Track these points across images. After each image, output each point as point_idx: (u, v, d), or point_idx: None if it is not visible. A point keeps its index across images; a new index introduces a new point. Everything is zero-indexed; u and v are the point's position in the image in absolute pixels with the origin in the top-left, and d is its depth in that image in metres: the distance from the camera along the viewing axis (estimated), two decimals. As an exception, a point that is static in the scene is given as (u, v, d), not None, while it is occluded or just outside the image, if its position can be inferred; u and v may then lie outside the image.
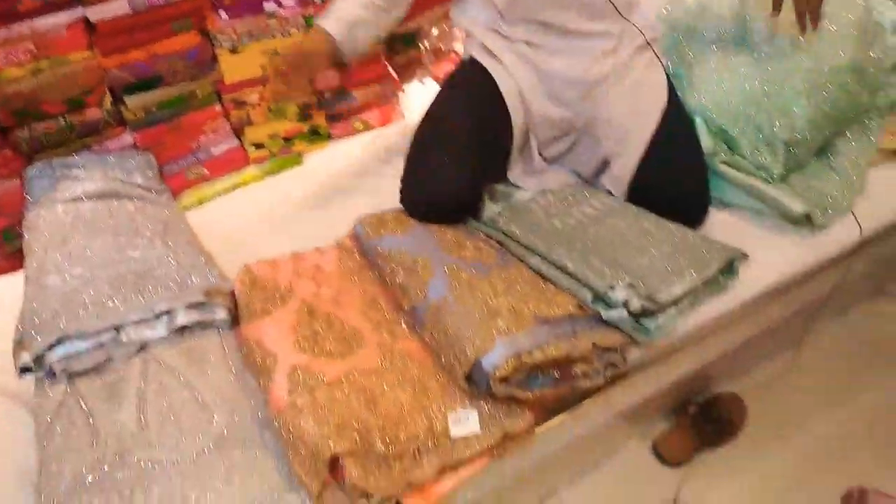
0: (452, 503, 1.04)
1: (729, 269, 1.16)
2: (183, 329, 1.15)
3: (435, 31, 1.82)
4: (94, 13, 1.32)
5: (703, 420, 1.48)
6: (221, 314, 1.16)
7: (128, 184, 1.40)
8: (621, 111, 1.32)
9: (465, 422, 0.97)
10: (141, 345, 1.13)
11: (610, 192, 1.35)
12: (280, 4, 1.49)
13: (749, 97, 1.31)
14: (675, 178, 1.28)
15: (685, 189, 1.29)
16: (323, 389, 0.96)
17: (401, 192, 1.31)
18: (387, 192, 1.36)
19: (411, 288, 1.09)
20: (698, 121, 1.35)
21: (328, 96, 1.62)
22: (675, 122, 1.31)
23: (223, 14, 1.45)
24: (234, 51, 1.45)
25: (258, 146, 1.57)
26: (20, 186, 1.40)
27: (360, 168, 1.58)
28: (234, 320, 1.18)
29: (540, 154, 1.41)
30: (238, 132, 1.58)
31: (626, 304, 1.01)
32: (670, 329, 1.09)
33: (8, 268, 1.42)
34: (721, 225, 1.31)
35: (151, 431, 1.01)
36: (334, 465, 0.90)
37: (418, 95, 1.81)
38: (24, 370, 1.11)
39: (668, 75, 1.35)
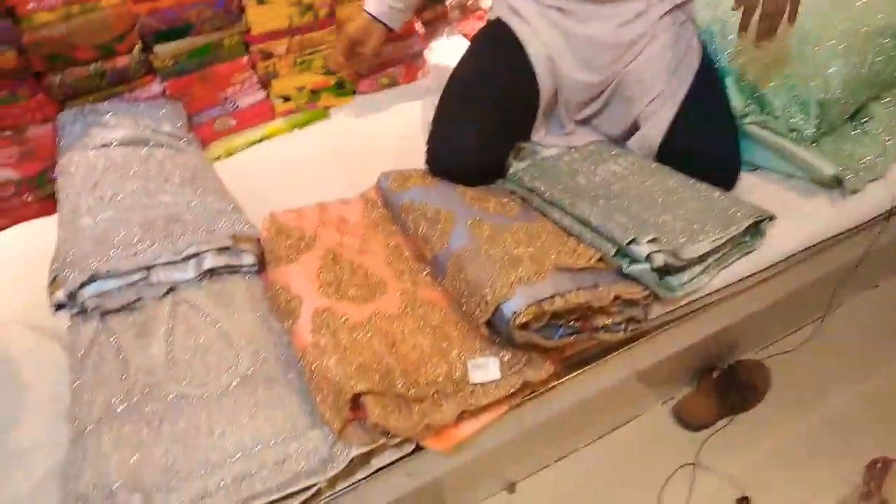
0: (471, 450, 1.06)
1: (756, 229, 1.15)
2: (211, 273, 1.17)
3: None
4: (125, -42, 1.33)
5: (726, 385, 1.47)
6: (248, 259, 1.18)
7: (157, 132, 1.41)
8: (653, 72, 1.30)
9: (485, 369, 0.98)
10: (170, 286, 1.15)
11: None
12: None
13: (782, 57, 1.28)
14: (705, 140, 1.27)
15: (715, 151, 1.27)
16: (346, 331, 0.97)
17: (426, 152, 1.32)
18: (411, 150, 1.36)
19: (433, 238, 1.10)
20: (729, 80, 1.32)
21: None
22: (707, 82, 1.29)
23: (250, -37, 1.45)
24: (261, 1, 1.45)
25: (285, 99, 1.58)
26: (53, 132, 1.42)
27: (385, 124, 1.58)
28: (261, 267, 1.20)
29: (568, 117, 1.39)
30: (265, 84, 1.58)
31: (649, 259, 1.00)
32: (695, 287, 1.09)
33: (42, 211, 1.45)
34: (750, 187, 1.29)
35: (179, 367, 1.03)
36: (356, 403, 0.91)
37: (445, 52, 1.79)
38: (59, 307, 1.14)
39: (699, 34, 1.32)
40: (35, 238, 1.40)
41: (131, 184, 1.28)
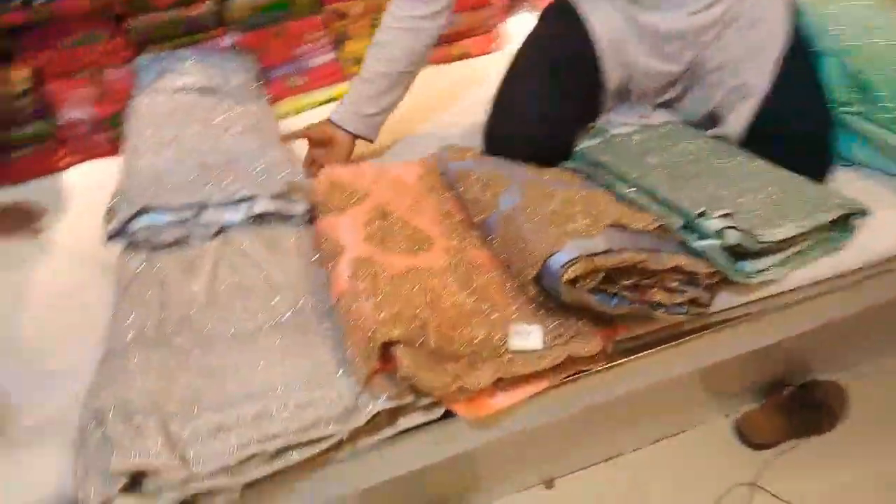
0: (505, 426, 0.99)
1: (845, 225, 1.03)
2: (262, 218, 1.15)
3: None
4: None
5: (797, 405, 1.35)
6: (299, 208, 1.16)
7: (227, 82, 1.42)
8: (732, 59, 1.19)
9: (527, 336, 0.91)
10: (220, 228, 1.14)
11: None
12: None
13: (898, 44, 1.16)
14: (792, 130, 1.16)
15: (804, 142, 1.16)
16: (385, 279, 0.92)
17: (485, 127, 1.27)
18: (476, 123, 1.32)
19: (484, 200, 1.04)
20: (830, 62, 1.20)
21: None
22: (796, 66, 1.17)
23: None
24: (340, -40, 1.45)
25: (356, 61, 1.56)
26: (129, 75, 1.45)
27: (453, 95, 1.54)
28: (313, 219, 1.17)
29: (643, 101, 1.31)
30: (336, 45, 1.56)
31: (720, 235, 0.91)
32: (772, 277, 0.98)
33: (114, 151, 1.48)
34: (845, 185, 1.16)
35: (218, 304, 1.02)
36: (386, 353, 0.86)
37: (520, 27, 1.73)
38: (111, 237, 1.15)
39: (792, 11, 1.20)
40: (103, 175, 1.44)
41: (194, 128, 1.29)
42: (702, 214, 0.93)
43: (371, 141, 1.33)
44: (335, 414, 0.87)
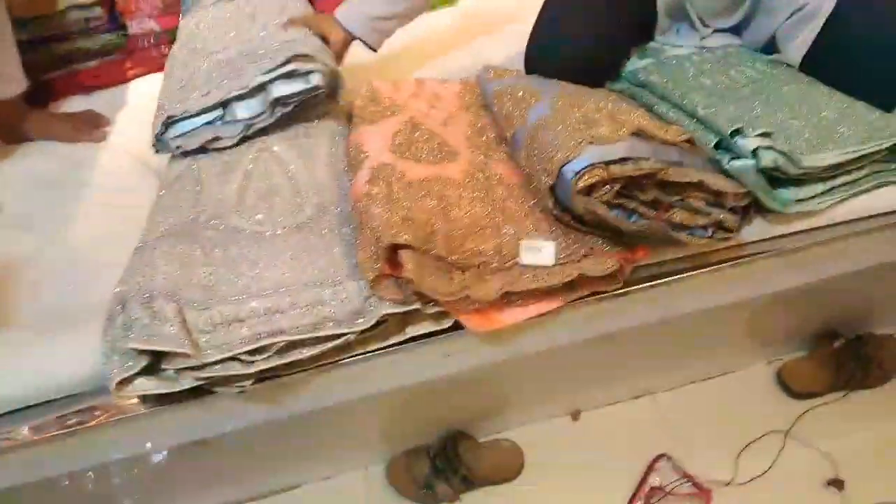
0: (518, 344, 0.98)
1: (906, 157, 0.94)
2: (290, 119, 1.17)
3: None
4: None
5: (847, 356, 1.26)
6: (316, 79, 1.12)
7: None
8: None
9: (539, 252, 0.89)
10: (248, 126, 1.16)
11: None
12: None
13: None
14: (859, 60, 1.05)
15: (873, 68, 1.05)
16: (401, 185, 0.93)
17: (529, 41, 1.22)
18: (520, 51, 1.26)
19: (516, 115, 1.01)
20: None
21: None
22: None
23: None
24: None
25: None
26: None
27: (511, 15, 1.49)
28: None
29: (704, 25, 1.22)
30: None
31: (755, 155, 0.85)
32: (814, 207, 0.91)
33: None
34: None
35: (246, 205, 1.05)
36: (394, 257, 0.87)
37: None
38: (156, 149, 1.20)
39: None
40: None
41: (225, 32, 1.31)
42: (737, 132, 0.87)
43: (374, 50, 1.25)
44: (343, 314, 0.89)
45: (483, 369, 1.05)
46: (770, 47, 1.17)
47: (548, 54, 1.17)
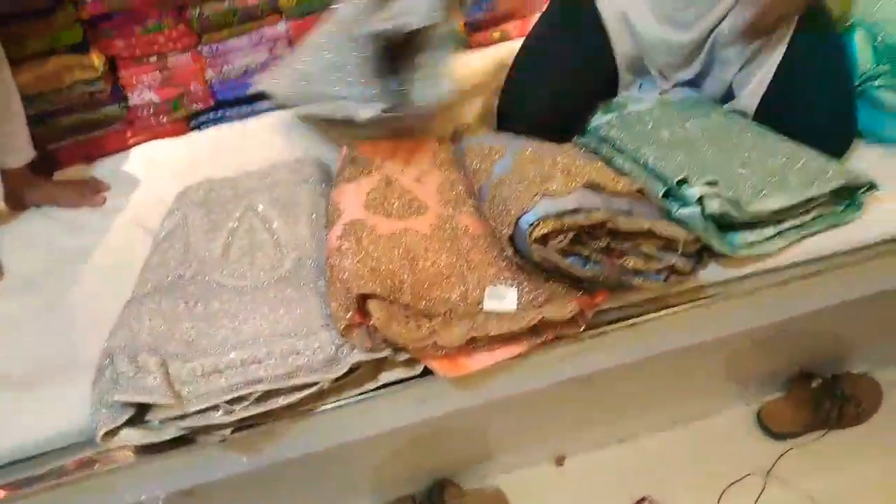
0: (489, 388, 1.02)
1: (853, 199, 0.99)
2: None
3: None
4: None
5: (824, 396, 1.28)
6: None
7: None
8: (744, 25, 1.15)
9: (502, 298, 0.94)
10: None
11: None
12: None
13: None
14: (806, 104, 1.12)
15: (822, 117, 1.11)
16: (370, 239, 0.98)
17: (496, 107, 1.30)
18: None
19: (482, 168, 1.07)
20: (860, 35, 1.15)
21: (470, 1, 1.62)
22: (811, 39, 1.12)
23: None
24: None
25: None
26: (191, 60, 1.57)
27: (486, 73, 1.57)
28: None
29: (663, 78, 1.29)
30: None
31: (700, 203, 0.90)
32: (762, 251, 0.96)
33: (173, 132, 1.63)
34: (870, 162, 1.10)
35: (229, 261, 1.11)
36: (364, 307, 0.92)
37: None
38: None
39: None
40: (162, 153, 1.59)
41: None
42: (683, 181, 0.92)
43: None
44: (317, 363, 0.93)
45: (463, 415, 1.09)
46: (729, 97, 1.23)
47: (514, 112, 1.24)
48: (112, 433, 0.91)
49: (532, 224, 0.87)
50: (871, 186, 0.98)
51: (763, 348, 1.25)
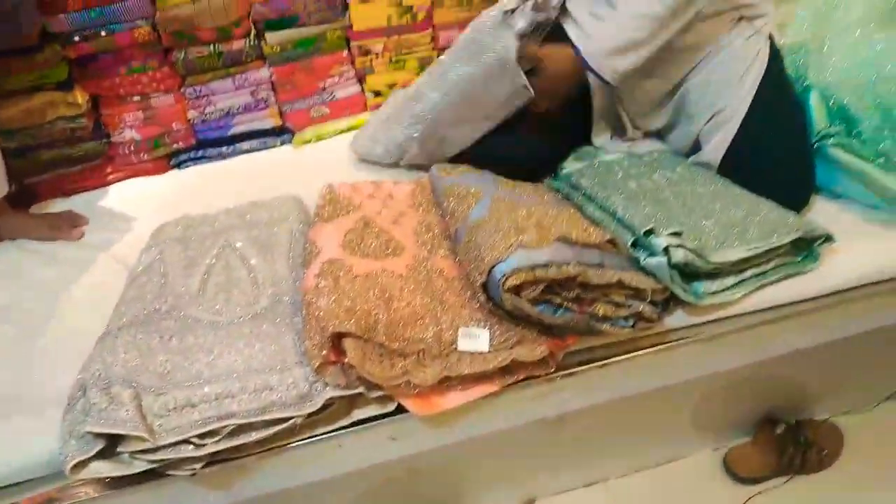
0: (462, 427, 1.03)
1: (810, 250, 1.04)
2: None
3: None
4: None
5: (788, 442, 1.31)
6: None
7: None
8: (715, 85, 1.22)
9: (475, 339, 0.96)
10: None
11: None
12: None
13: (883, 76, 1.16)
14: (770, 158, 1.18)
15: (782, 171, 1.17)
16: (347, 279, 1.00)
17: (471, 147, 1.35)
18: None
19: (458, 211, 1.11)
20: (815, 96, 1.22)
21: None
22: (774, 95, 1.20)
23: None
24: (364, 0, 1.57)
25: (376, 94, 1.67)
26: (174, 101, 1.61)
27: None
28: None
29: (632, 124, 1.36)
30: (361, 79, 1.69)
31: (666, 252, 0.94)
32: (725, 299, 1.00)
33: (154, 170, 1.65)
34: (826, 216, 1.16)
35: (206, 297, 1.12)
36: (339, 346, 0.93)
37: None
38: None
39: (776, 48, 1.23)
40: (143, 191, 1.60)
41: None
42: (650, 232, 0.96)
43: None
44: (290, 398, 0.94)
45: (435, 456, 1.10)
46: (695, 150, 1.29)
47: (489, 159, 1.28)
48: (81, 465, 0.90)
49: (505, 274, 0.91)
50: (828, 238, 1.03)
51: (729, 393, 1.29)
